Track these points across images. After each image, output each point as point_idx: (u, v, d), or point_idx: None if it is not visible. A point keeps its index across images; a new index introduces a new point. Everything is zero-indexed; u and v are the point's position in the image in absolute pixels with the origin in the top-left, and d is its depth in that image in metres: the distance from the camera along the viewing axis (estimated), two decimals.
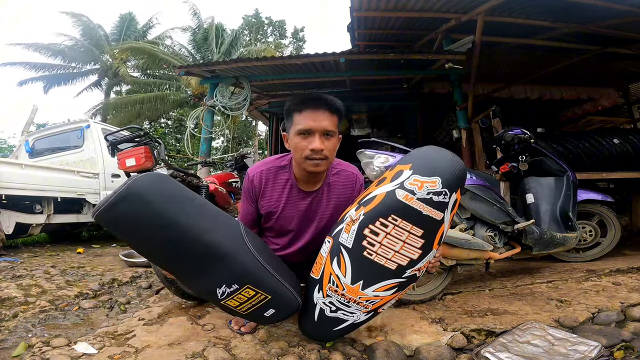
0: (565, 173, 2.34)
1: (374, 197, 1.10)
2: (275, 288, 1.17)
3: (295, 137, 1.23)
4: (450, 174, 1.05)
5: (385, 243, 1.07)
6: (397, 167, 1.12)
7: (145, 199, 1.06)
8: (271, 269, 1.19)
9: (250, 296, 1.16)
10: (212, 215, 1.20)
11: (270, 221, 1.42)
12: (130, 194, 1.05)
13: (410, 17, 3.77)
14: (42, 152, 4.92)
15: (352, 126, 5.56)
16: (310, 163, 1.22)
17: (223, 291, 1.14)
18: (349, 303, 1.16)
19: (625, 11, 3.21)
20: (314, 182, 1.36)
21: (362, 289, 1.12)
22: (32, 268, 2.63)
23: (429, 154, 1.12)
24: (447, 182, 1.04)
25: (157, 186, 1.11)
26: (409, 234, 1.06)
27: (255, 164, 1.43)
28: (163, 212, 1.08)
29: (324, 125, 1.20)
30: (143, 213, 1.06)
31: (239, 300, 1.16)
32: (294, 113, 1.24)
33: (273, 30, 20.66)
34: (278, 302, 1.19)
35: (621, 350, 1.17)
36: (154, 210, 1.07)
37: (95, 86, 15.00)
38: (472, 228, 2.01)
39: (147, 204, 1.06)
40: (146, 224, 1.07)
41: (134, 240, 1.16)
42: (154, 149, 2.83)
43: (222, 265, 1.13)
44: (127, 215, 1.05)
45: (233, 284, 1.14)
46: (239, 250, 1.17)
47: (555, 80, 4.58)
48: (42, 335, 1.40)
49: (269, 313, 1.20)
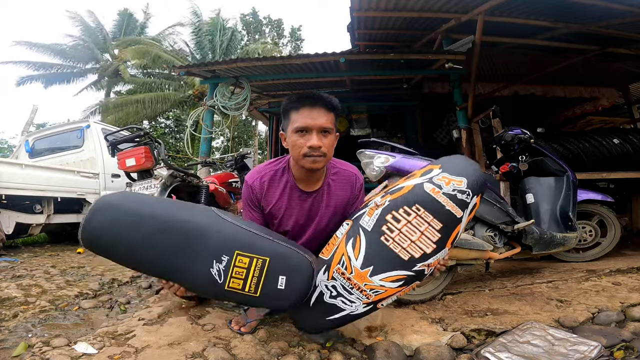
0: (565, 173, 2.34)
1: (402, 187, 1.16)
2: (269, 248, 1.14)
3: (293, 135, 1.23)
4: (475, 178, 1.14)
5: (404, 231, 1.11)
6: (427, 166, 1.20)
7: (117, 205, 1.14)
8: (261, 233, 1.18)
9: (247, 265, 1.11)
10: (185, 205, 1.28)
11: (274, 225, 1.41)
12: (101, 205, 1.14)
13: (410, 17, 3.78)
14: (42, 152, 4.92)
15: (352, 126, 5.56)
16: (309, 160, 1.22)
17: (217, 270, 1.11)
18: (352, 289, 1.15)
19: (625, 11, 3.21)
20: (313, 181, 1.35)
21: (370, 275, 1.13)
22: (32, 268, 2.63)
23: (459, 159, 1.22)
24: (471, 184, 1.12)
25: (125, 196, 1.22)
26: (428, 225, 1.11)
27: (252, 171, 1.42)
28: (138, 210, 1.14)
29: (321, 122, 1.21)
30: (119, 217, 1.12)
31: (239, 277, 1.11)
32: (291, 111, 1.25)
33: (271, 29, 20.67)
34: (281, 263, 1.13)
35: (621, 350, 1.17)
36: (130, 210, 1.13)
37: (95, 85, 15.01)
38: (472, 228, 2.01)
39: (120, 208, 1.14)
40: (125, 225, 1.12)
41: (120, 248, 1.14)
42: (154, 149, 2.83)
43: (202, 240, 1.13)
44: (105, 224, 1.11)
45: (222, 256, 1.12)
46: (215, 221, 1.18)
47: (555, 80, 4.58)
48: (42, 335, 1.40)
49: (282, 283, 1.12)
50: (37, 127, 8.58)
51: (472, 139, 4.00)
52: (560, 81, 4.64)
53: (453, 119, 4.69)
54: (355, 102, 5.39)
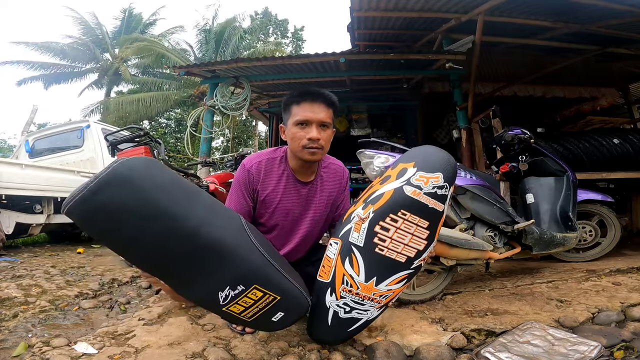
0: (565, 173, 2.34)
1: (381, 194, 1.15)
2: (284, 287, 1.08)
3: (293, 128, 1.29)
4: (449, 170, 1.16)
5: (396, 237, 1.13)
6: (399, 165, 1.19)
7: (134, 185, 0.90)
8: (277, 266, 1.09)
9: (258, 298, 1.04)
10: (209, 206, 1.07)
11: (264, 216, 1.40)
12: (116, 179, 0.89)
13: (410, 17, 3.78)
14: (42, 152, 4.93)
15: (352, 126, 5.56)
16: (308, 152, 1.28)
17: (226, 295, 1.01)
18: (363, 301, 1.18)
19: (625, 11, 3.21)
20: (309, 173, 1.41)
21: (375, 285, 1.15)
22: (32, 268, 2.63)
23: (429, 152, 1.22)
24: (447, 177, 1.14)
25: (148, 171, 0.95)
26: (416, 226, 1.13)
27: (250, 156, 1.44)
28: (155, 201, 0.92)
29: (321, 117, 1.27)
30: (130, 202, 0.89)
31: (244, 305, 1.04)
32: (292, 105, 1.30)
33: (275, 29, 20.68)
34: (287, 303, 1.10)
35: (621, 350, 1.17)
36: (145, 198, 0.90)
37: (95, 85, 15.01)
38: (472, 228, 2.01)
39: (136, 191, 0.90)
40: (133, 215, 0.90)
41: (114, 236, 0.94)
42: (154, 149, 2.83)
43: (225, 263, 1.00)
44: (110, 205, 0.87)
45: (238, 285, 1.01)
46: (243, 245, 1.05)
47: (556, 80, 4.58)
48: (42, 335, 1.40)
49: (277, 317, 1.10)
50: (37, 127, 8.58)
51: (472, 139, 4.00)
52: (560, 81, 4.64)
53: (453, 119, 4.69)
54: (355, 102, 5.39)
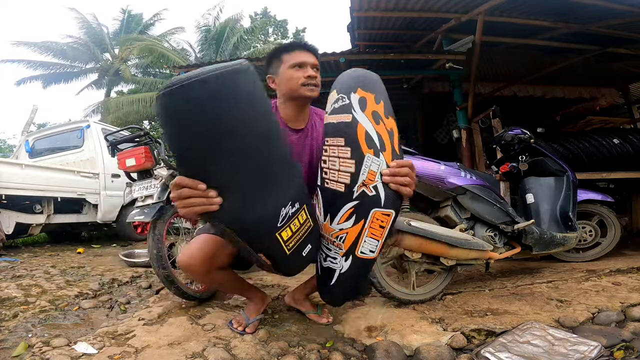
0: (565, 173, 2.34)
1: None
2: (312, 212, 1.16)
3: (289, 70, 1.34)
4: (343, 81, 1.18)
5: (330, 166, 1.15)
6: None
7: (249, 76, 0.92)
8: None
9: (303, 221, 1.09)
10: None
11: None
12: (242, 69, 0.90)
13: (410, 17, 3.78)
14: (42, 152, 4.92)
15: None
16: (307, 88, 1.34)
17: (286, 213, 1.01)
18: (329, 245, 1.19)
19: (625, 11, 3.22)
20: (300, 119, 1.44)
21: (330, 223, 1.16)
22: (32, 268, 2.63)
23: (339, 77, 1.23)
24: (341, 88, 1.16)
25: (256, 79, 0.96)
26: (337, 147, 1.13)
27: None
28: (261, 103, 0.95)
29: (313, 60, 1.37)
30: (241, 94, 0.88)
31: (292, 229, 1.05)
32: (283, 54, 1.36)
33: (275, 30, 20.66)
34: (315, 235, 1.17)
35: (621, 350, 1.17)
36: (253, 96, 0.92)
37: (95, 85, 15.00)
38: (472, 228, 2.01)
39: (249, 84, 0.91)
40: (238, 109, 0.87)
41: (213, 125, 0.84)
42: (154, 149, 2.82)
43: (292, 173, 1.07)
44: (224, 93, 0.84)
45: (296, 202, 1.05)
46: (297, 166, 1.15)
47: (555, 80, 4.59)
48: (42, 335, 1.40)
49: (306, 251, 1.13)
50: (37, 127, 8.58)
51: (472, 139, 4.00)
52: (560, 81, 4.65)
53: (453, 119, 4.68)
54: None
